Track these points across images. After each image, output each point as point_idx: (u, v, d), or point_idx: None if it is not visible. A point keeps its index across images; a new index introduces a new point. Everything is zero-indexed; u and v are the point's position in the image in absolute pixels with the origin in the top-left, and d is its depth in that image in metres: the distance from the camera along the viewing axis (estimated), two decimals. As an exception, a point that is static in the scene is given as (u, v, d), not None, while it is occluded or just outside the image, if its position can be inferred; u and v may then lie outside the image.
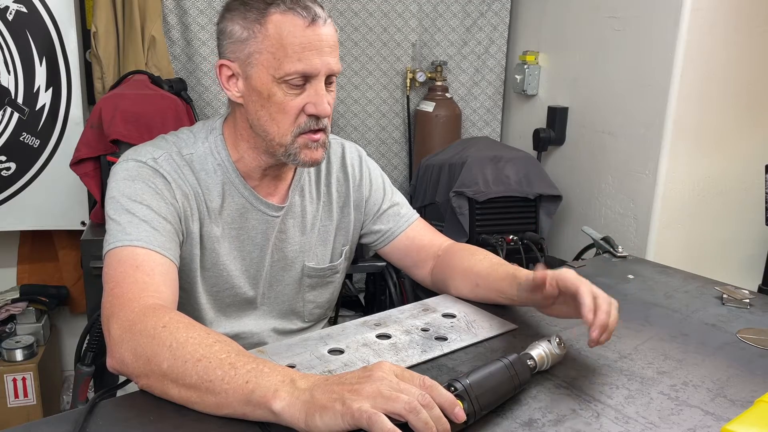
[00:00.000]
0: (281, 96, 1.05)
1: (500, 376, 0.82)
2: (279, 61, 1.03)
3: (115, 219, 1.03)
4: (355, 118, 2.77)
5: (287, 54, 1.02)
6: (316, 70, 1.04)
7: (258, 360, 0.79)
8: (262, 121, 1.08)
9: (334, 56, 1.07)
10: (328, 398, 0.71)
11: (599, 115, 2.38)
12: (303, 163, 1.11)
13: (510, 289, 1.10)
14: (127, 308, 0.90)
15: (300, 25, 1.03)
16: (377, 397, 0.69)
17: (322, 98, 1.06)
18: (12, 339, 2.30)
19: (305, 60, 1.03)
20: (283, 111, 1.06)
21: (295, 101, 1.05)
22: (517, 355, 0.87)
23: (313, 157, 1.11)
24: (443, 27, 2.78)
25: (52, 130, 2.25)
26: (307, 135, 1.08)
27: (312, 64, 1.03)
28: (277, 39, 1.02)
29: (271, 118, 1.07)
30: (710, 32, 2.06)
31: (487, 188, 2.26)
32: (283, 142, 1.08)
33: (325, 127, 1.10)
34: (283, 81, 1.04)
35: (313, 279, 1.27)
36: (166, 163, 1.09)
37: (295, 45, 1.02)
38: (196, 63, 2.42)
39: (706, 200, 2.23)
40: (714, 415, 0.85)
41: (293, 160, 1.11)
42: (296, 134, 1.08)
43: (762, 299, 1.27)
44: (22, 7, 2.14)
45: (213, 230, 1.14)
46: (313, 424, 0.71)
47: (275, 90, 1.05)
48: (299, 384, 0.74)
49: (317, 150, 1.10)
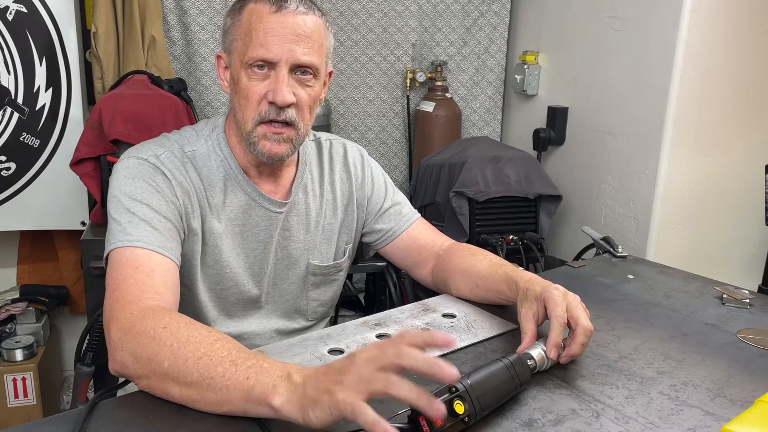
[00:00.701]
0: (246, 81, 1.07)
1: (501, 377, 0.82)
2: (246, 46, 1.06)
3: (116, 219, 1.03)
4: (355, 118, 2.77)
5: (251, 39, 1.05)
6: (275, 57, 1.05)
7: (258, 356, 0.79)
8: (236, 109, 1.11)
9: (302, 46, 1.05)
10: (316, 391, 0.71)
11: (599, 115, 2.38)
12: (261, 154, 1.10)
13: (509, 291, 1.10)
14: (126, 311, 0.90)
15: (266, 12, 1.05)
16: (359, 383, 0.69)
17: (281, 86, 1.05)
18: (12, 339, 2.30)
19: (266, 46, 1.04)
20: (246, 97, 1.07)
21: (257, 87, 1.07)
22: (518, 355, 0.87)
23: (272, 150, 1.09)
24: (443, 27, 2.78)
25: (52, 130, 2.25)
26: (267, 125, 1.08)
27: (271, 51, 1.04)
28: (247, 25, 1.06)
29: (239, 105, 1.09)
30: (710, 32, 2.06)
31: (487, 188, 2.26)
32: (246, 128, 1.09)
33: (292, 122, 1.08)
34: (248, 66, 1.06)
35: (318, 277, 1.28)
36: (167, 160, 1.10)
37: (258, 30, 1.04)
38: (196, 63, 2.42)
39: (706, 200, 2.23)
40: (714, 415, 0.85)
41: (253, 150, 1.10)
42: (257, 122, 1.08)
43: (762, 299, 1.27)
44: (22, 7, 2.14)
45: (215, 226, 1.14)
46: (308, 418, 0.71)
47: (242, 75, 1.07)
48: (294, 378, 0.74)
49: (279, 144, 1.09)
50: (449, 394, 0.76)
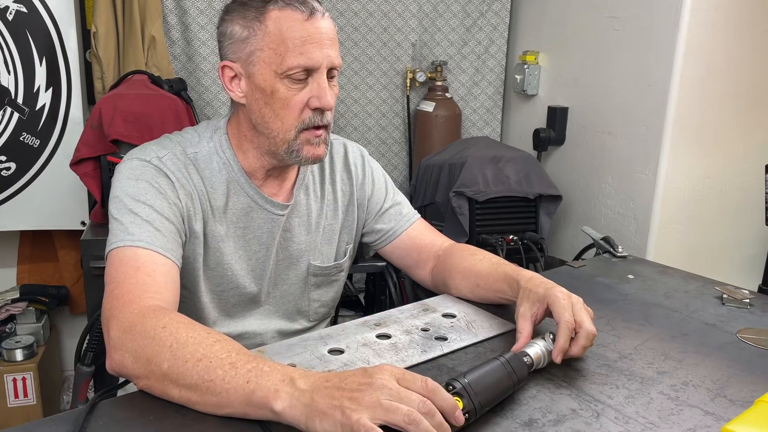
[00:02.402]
0: (284, 91, 1.05)
1: (498, 374, 0.82)
2: (280, 56, 1.03)
3: (118, 219, 1.03)
4: (355, 118, 2.77)
5: (288, 48, 1.03)
6: (317, 63, 1.05)
7: (258, 358, 0.79)
8: (266, 119, 1.08)
9: (334, 49, 1.07)
10: (328, 404, 0.70)
11: (599, 115, 2.38)
12: (305, 160, 1.11)
13: (510, 290, 1.10)
14: (126, 310, 0.90)
15: (299, 19, 1.03)
16: (377, 408, 0.68)
17: (325, 91, 1.06)
18: (12, 339, 2.30)
19: (306, 53, 1.03)
20: (287, 106, 1.06)
21: (299, 96, 1.06)
22: (514, 353, 0.88)
23: (315, 153, 1.11)
24: (443, 27, 2.78)
25: (52, 130, 2.25)
26: (309, 131, 1.08)
27: (313, 57, 1.04)
28: (278, 34, 1.03)
29: (275, 115, 1.07)
30: (710, 32, 2.06)
31: (487, 188, 2.26)
32: (287, 138, 1.08)
33: (328, 123, 1.10)
34: (286, 76, 1.04)
35: (319, 278, 1.28)
36: (170, 162, 1.09)
37: (295, 39, 1.03)
38: (196, 63, 2.42)
39: (706, 200, 2.23)
40: (714, 415, 0.85)
41: (295, 157, 1.10)
42: (300, 129, 1.08)
43: (762, 299, 1.27)
44: (22, 7, 2.14)
45: (217, 229, 1.14)
46: (314, 428, 0.71)
47: (278, 86, 1.05)
48: (299, 384, 0.74)
49: (319, 146, 1.11)
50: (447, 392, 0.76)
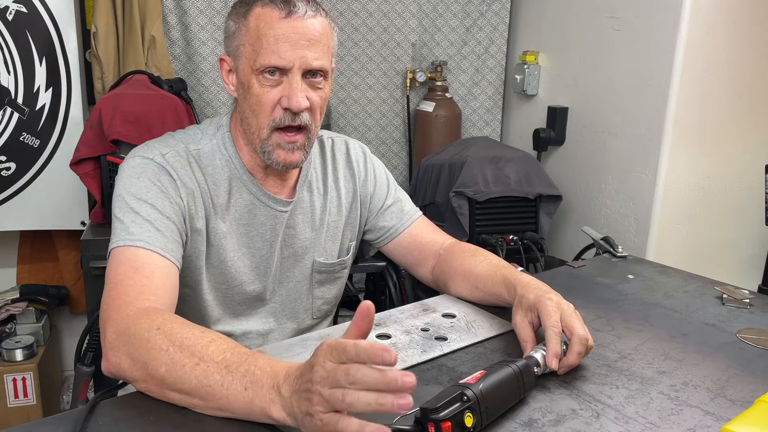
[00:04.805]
0: (258, 88, 1.06)
1: (510, 386, 0.82)
2: (256, 52, 1.05)
3: (119, 217, 1.03)
4: (355, 118, 2.77)
5: (262, 46, 1.04)
6: (288, 63, 1.04)
7: (249, 359, 0.78)
8: (246, 114, 1.10)
9: (314, 51, 1.05)
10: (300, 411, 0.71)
11: (599, 115, 2.38)
12: (276, 163, 1.11)
13: (507, 294, 1.10)
14: (122, 311, 0.90)
15: (276, 17, 1.04)
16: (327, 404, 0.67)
17: (296, 92, 1.05)
18: (12, 339, 2.30)
19: (278, 52, 1.03)
20: (260, 103, 1.07)
21: (271, 93, 1.06)
22: (525, 362, 0.87)
23: (287, 159, 1.10)
24: (443, 27, 2.78)
25: (52, 130, 2.25)
26: (282, 132, 1.08)
27: (284, 57, 1.04)
28: (255, 31, 1.05)
29: (251, 111, 1.08)
30: (710, 32, 2.06)
31: (487, 188, 2.26)
32: (261, 135, 1.09)
33: (305, 127, 1.09)
34: (260, 73, 1.05)
35: (323, 274, 1.28)
36: (173, 159, 1.10)
37: (269, 37, 1.04)
38: (196, 63, 2.42)
39: (706, 200, 2.23)
40: (714, 415, 0.85)
41: (267, 159, 1.10)
42: (272, 128, 1.08)
43: (762, 299, 1.27)
44: (22, 7, 2.14)
45: (219, 226, 1.14)
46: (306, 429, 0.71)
47: (253, 82, 1.06)
48: (283, 392, 0.74)
49: (293, 152, 1.10)
50: (461, 403, 0.75)
